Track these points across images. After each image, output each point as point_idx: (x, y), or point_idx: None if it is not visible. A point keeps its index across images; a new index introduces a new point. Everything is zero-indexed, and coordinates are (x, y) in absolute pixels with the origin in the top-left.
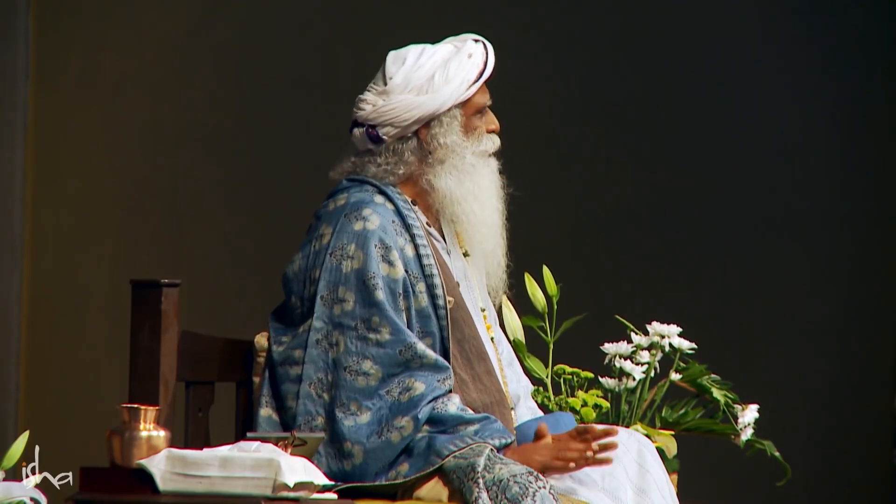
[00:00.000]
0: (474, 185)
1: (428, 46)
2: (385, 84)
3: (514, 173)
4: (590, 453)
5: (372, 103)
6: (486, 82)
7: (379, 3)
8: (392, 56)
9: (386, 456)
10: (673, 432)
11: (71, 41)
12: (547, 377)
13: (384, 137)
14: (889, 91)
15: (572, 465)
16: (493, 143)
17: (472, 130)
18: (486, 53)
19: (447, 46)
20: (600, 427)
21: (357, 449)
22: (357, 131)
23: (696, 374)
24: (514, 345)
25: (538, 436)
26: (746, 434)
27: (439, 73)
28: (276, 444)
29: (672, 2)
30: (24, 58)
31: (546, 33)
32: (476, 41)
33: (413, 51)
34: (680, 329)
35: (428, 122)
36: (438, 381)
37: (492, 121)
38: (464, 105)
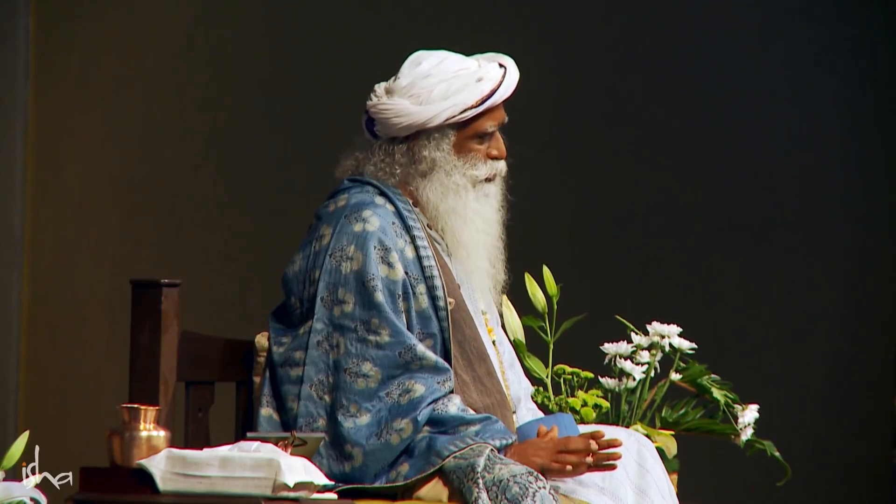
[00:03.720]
0: (458, 203)
1: (452, 56)
2: (394, 81)
3: (514, 173)
4: (590, 459)
5: (378, 96)
6: (494, 107)
7: (378, 4)
8: (414, 56)
9: (385, 458)
10: (673, 432)
11: (71, 41)
12: (547, 377)
13: (378, 133)
14: (889, 90)
15: (569, 468)
16: (492, 168)
17: (467, 153)
18: (501, 80)
19: (470, 63)
20: (605, 436)
21: (356, 451)
22: (364, 116)
23: (696, 374)
24: (514, 345)
25: (539, 435)
26: (746, 434)
27: (441, 88)
28: (276, 444)
29: (672, 1)
30: (24, 58)
31: (546, 32)
32: (501, 66)
33: (434, 57)
34: (680, 329)
35: (417, 133)
36: (438, 382)
37: (496, 146)
38: (460, 126)
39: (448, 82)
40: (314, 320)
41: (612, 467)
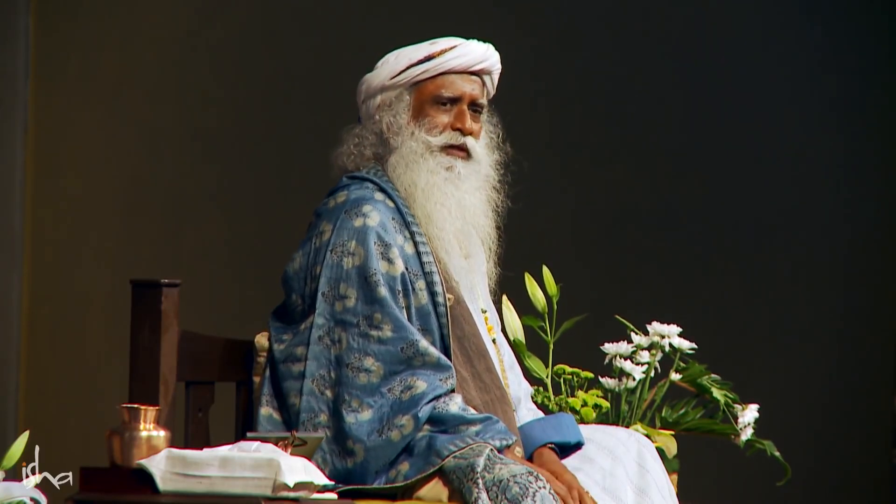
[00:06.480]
0: (415, 174)
1: None
2: None
3: (514, 173)
4: None
5: None
6: (449, 73)
7: (378, 4)
8: None
9: (386, 455)
10: (673, 432)
11: (71, 41)
12: (547, 377)
13: (360, 116)
14: (889, 91)
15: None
16: (452, 138)
17: (423, 116)
18: (454, 46)
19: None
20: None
21: (358, 447)
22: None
23: (696, 374)
24: (514, 345)
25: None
26: (746, 434)
27: (397, 52)
28: (276, 444)
29: (673, 2)
30: (24, 58)
31: (546, 32)
32: (465, 39)
33: None
34: (680, 329)
35: (380, 105)
36: (440, 379)
37: (460, 120)
38: (413, 88)
39: (405, 48)
40: (315, 315)
41: None
